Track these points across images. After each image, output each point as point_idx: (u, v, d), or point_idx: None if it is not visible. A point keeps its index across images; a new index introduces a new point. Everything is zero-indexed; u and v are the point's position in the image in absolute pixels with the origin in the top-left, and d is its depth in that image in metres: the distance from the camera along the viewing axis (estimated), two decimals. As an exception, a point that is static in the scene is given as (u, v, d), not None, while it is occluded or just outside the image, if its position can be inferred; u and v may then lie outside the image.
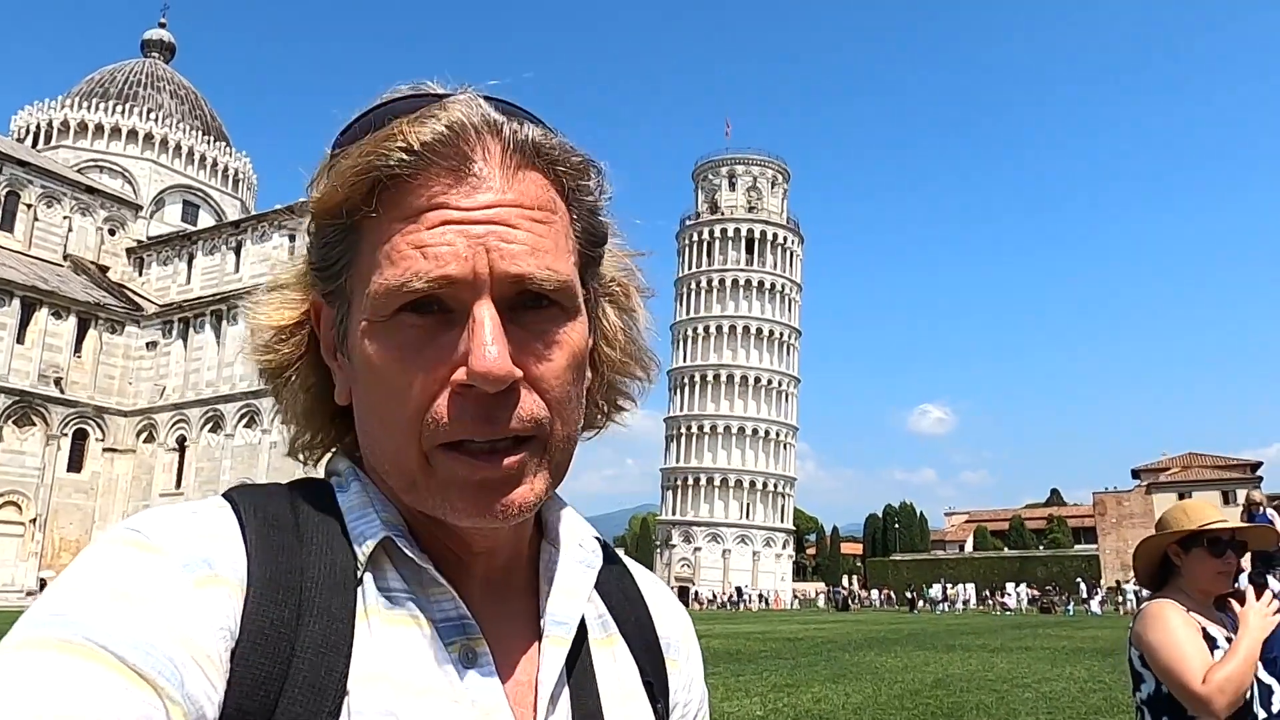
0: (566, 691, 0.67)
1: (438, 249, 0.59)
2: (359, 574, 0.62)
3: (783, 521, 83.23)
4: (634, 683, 0.74)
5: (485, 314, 0.59)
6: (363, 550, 0.63)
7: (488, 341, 0.58)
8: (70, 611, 0.51)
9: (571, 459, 0.67)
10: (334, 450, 0.72)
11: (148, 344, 53.38)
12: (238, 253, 55.06)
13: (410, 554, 0.63)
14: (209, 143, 67.01)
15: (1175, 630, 2.56)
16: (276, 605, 0.57)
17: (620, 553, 0.84)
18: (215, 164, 67.16)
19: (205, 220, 63.38)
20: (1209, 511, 2.75)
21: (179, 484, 48.93)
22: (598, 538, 0.75)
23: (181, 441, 50.28)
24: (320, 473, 0.72)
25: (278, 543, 0.61)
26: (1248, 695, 2.48)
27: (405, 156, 0.60)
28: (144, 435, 51.74)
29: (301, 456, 0.73)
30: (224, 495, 0.64)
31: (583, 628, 0.70)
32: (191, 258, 56.94)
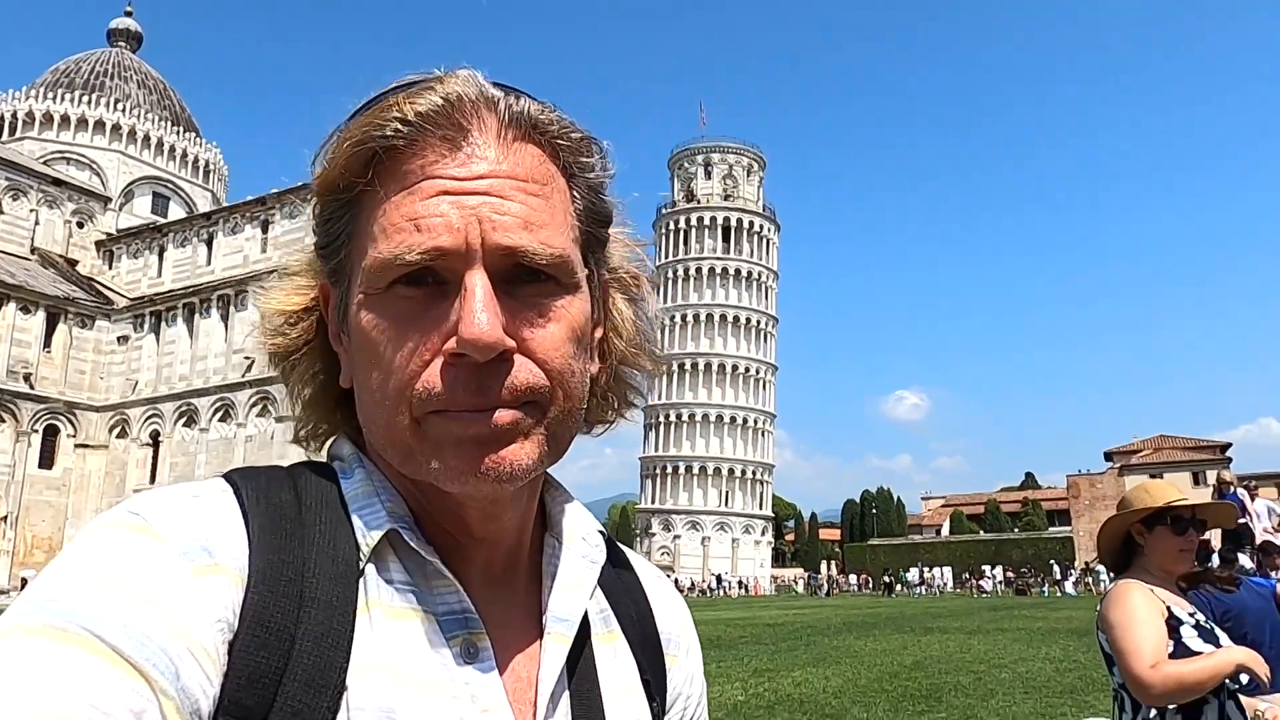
0: (567, 688, 0.67)
1: (430, 220, 0.59)
2: (362, 565, 0.61)
3: (761, 508, 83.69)
4: (633, 679, 0.73)
5: (477, 282, 0.59)
6: (367, 541, 0.62)
7: (477, 309, 0.58)
8: (65, 597, 0.50)
9: (573, 435, 0.66)
10: (337, 436, 0.71)
11: (119, 338, 52.69)
12: (209, 245, 54.36)
13: (415, 546, 0.62)
14: (178, 133, 66.06)
15: (1135, 610, 2.60)
16: (277, 596, 0.56)
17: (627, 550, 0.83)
18: (185, 155, 66.25)
19: (176, 212, 62.54)
20: (1170, 490, 2.80)
21: (153, 479, 48.34)
22: (601, 531, 0.74)
23: (155, 436, 49.73)
24: (323, 457, 0.71)
25: (280, 530, 0.59)
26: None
27: (400, 127, 0.60)
28: (116, 430, 51.13)
29: (304, 445, 0.73)
30: (225, 477, 0.63)
31: (585, 623, 0.69)
32: (162, 250, 56.19)
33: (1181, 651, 2.54)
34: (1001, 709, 9.56)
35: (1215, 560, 9.76)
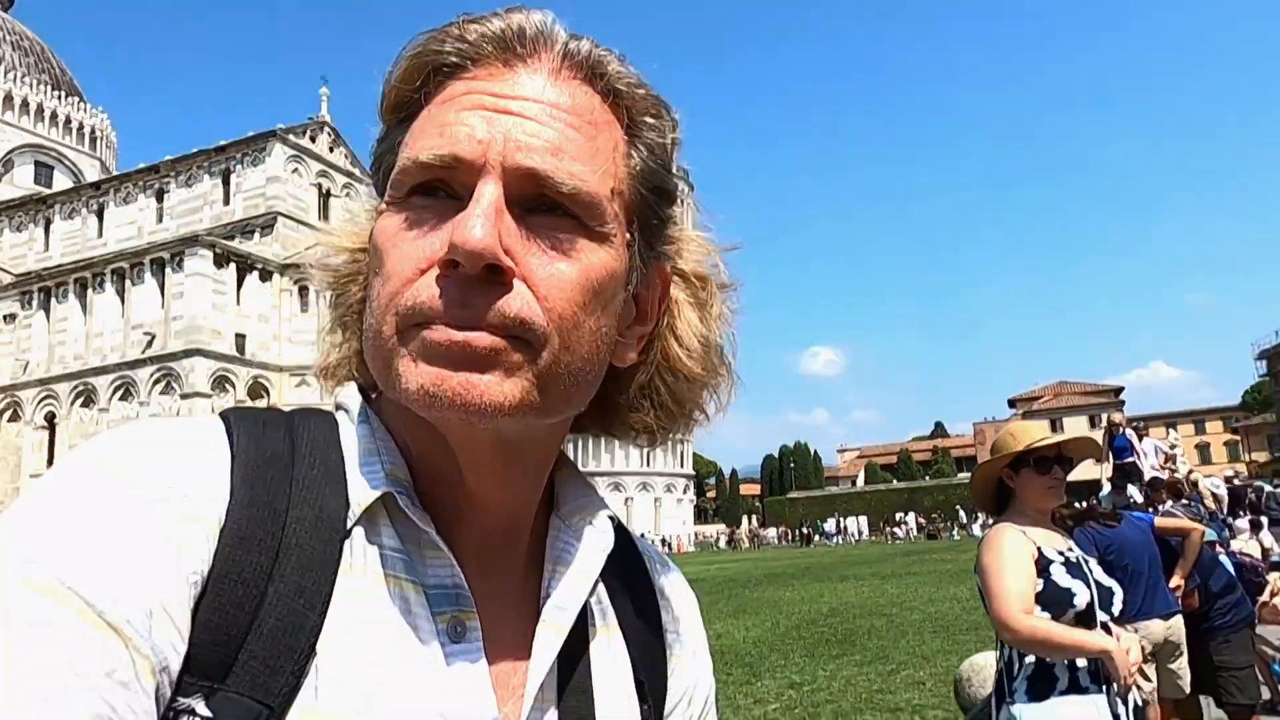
0: (555, 679, 0.63)
1: (456, 129, 0.57)
2: (349, 525, 0.58)
3: (682, 467, 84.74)
4: (625, 677, 0.69)
5: (485, 192, 0.56)
6: (359, 501, 0.59)
7: (475, 214, 0.55)
8: (41, 545, 0.49)
9: (572, 400, 0.61)
10: (349, 381, 0.68)
11: (5, 316, 49.98)
12: (100, 216, 51.93)
13: (411, 514, 0.59)
14: (60, 98, 62.49)
15: (1004, 553, 2.70)
16: (250, 550, 0.54)
17: (642, 536, 0.79)
18: (69, 121, 62.81)
19: (61, 182, 59.40)
20: (1034, 431, 2.89)
21: (50, 463, 46.19)
22: (612, 516, 0.68)
23: (50, 418, 47.51)
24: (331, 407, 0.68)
25: (265, 480, 0.56)
26: (1086, 603, 2.63)
27: (459, 44, 0.60)
28: (8, 414, 48.68)
29: (319, 379, 0.71)
30: (221, 415, 0.60)
31: (583, 614, 0.65)
32: (49, 223, 53.46)
33: (1051, 589, 2.64)
34: (912, 648, 9.98)
35: (1106, 488, 10.33)
